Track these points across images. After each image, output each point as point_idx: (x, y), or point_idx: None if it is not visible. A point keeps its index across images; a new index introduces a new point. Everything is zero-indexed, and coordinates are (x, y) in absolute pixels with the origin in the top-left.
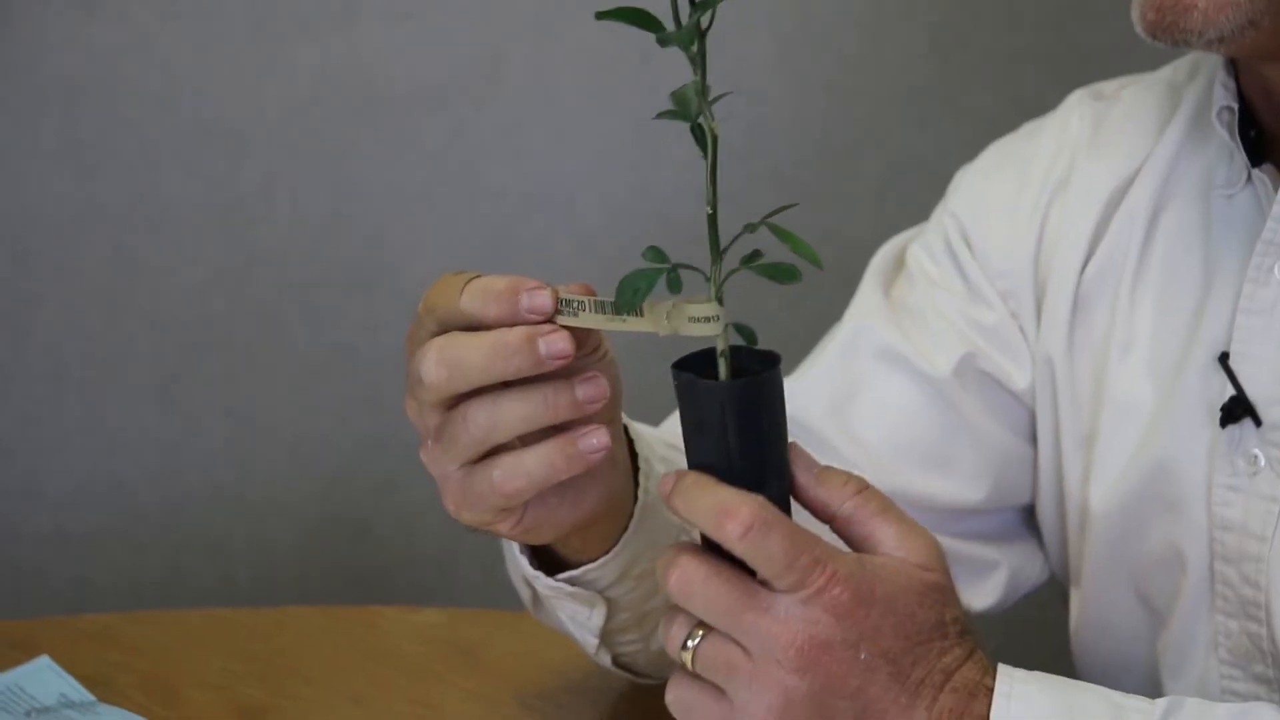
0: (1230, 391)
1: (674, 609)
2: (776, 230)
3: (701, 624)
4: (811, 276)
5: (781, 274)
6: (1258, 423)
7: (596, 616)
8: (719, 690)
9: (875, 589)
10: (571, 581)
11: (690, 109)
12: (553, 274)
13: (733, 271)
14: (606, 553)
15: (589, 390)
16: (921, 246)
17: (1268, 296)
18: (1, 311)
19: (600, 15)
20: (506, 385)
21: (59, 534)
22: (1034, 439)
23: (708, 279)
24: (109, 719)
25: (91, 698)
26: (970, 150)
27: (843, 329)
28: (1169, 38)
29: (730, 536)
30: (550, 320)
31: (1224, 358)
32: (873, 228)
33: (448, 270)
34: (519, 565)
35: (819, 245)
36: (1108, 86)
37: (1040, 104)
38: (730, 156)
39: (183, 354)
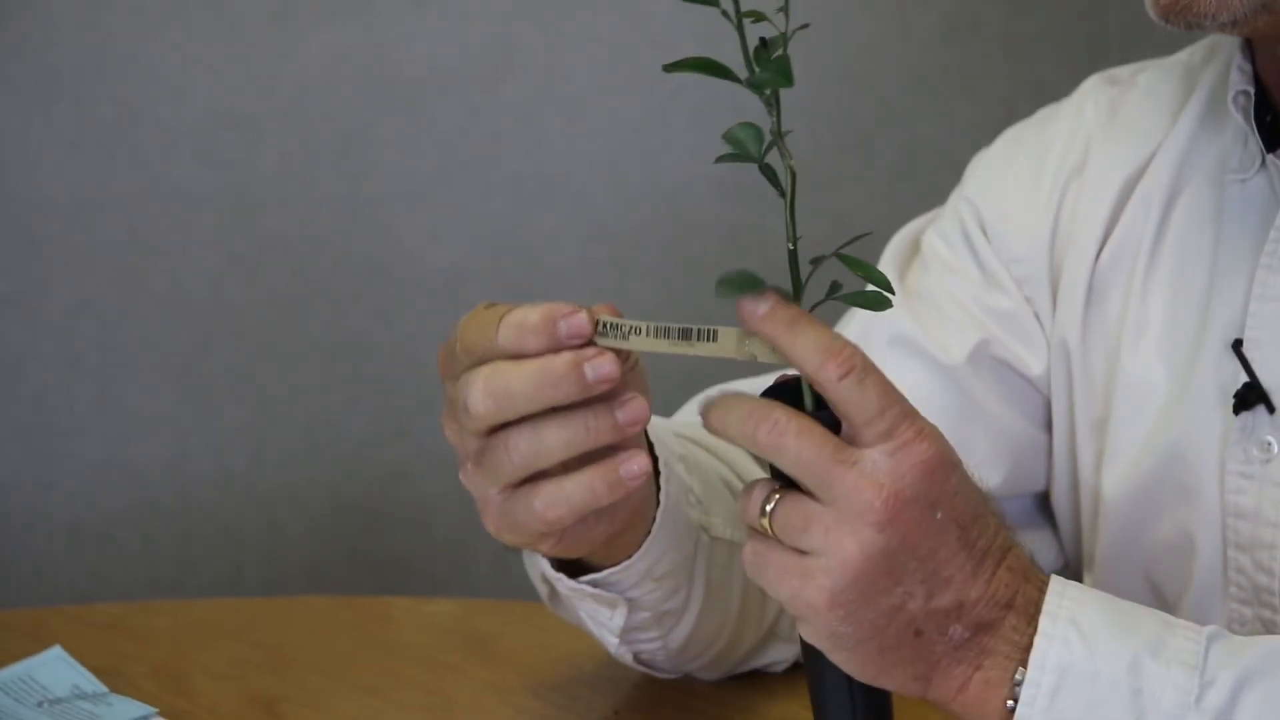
0: (1243, 378)
1: (752, 483)
2: (848, 260)
3: (779, 489)
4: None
5: (873, 302)
6: (1271, 409)
7: (618, 617)
8: (795, 549)
9: (953, 452)
10: (593, 584)
11: (749, 149)
12: (565, 260)
13: (818, 303)
14: (629, 557)
15: (630, 413)
16: (937, 232)
17: None
18: (15, 298)
19: (669, 68)
20: (547, 410)
21: (73, 525)
22: (1049, 426)
23: (786, 293)
24: (121, 709)
25: (104, 688)
26: (985, 137)
27: (856, 316)
28: (1181, 21)
29: (830, 376)
30: (591, 342)
31: (1237, 344)
32: (887, 214)
33: (462, 261)
34: (539, 565)
35: (833, 232)
36: (1123, 71)
37: (1055, 89)
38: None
39: (196, 341)
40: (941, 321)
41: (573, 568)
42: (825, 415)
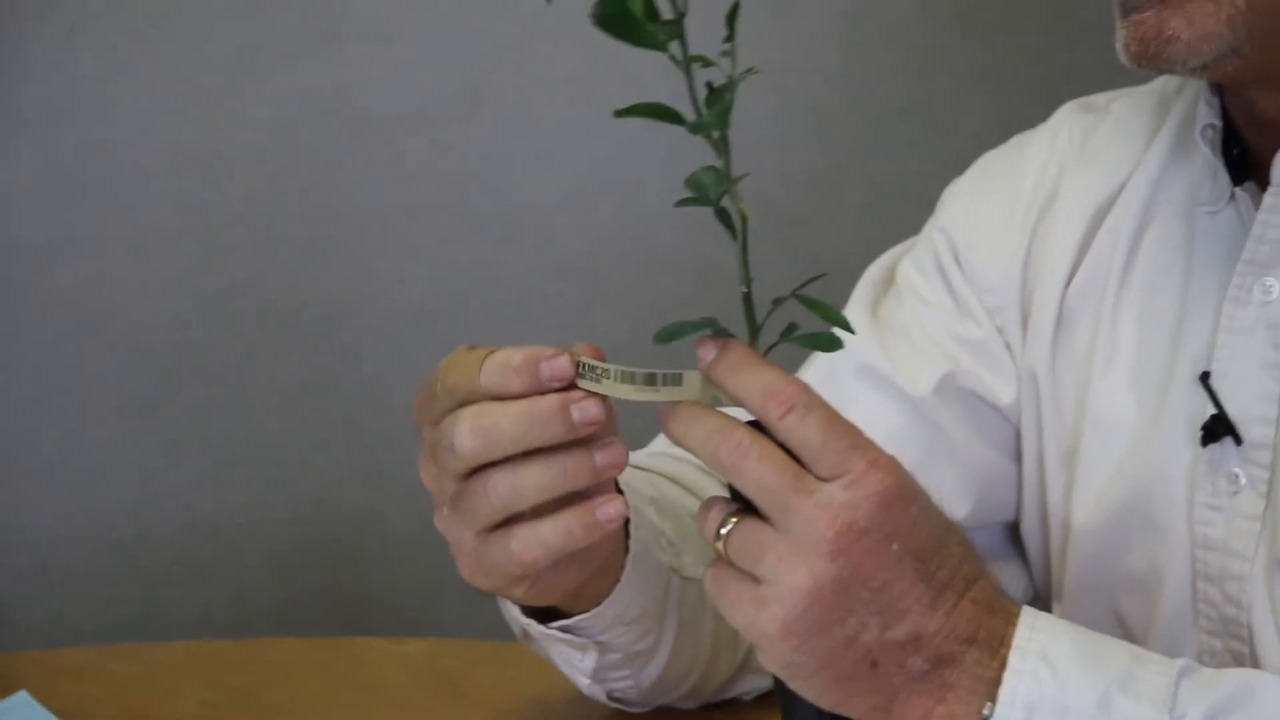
0: (1211, 410)
1: (709, 500)
2: (806, 301)
3: (736, 512)
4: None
5: (825, 344)
6: (1238, 441)
7: (588, 660)
8: (751, 574)
9: (912, 484)
10: (564, 629)
11: (708, 192)
12: (533, 298)
13: (773, 346)
14: (599, 603)
15: (608, 458)
16: (911, 262)
17: (1248, 316)
18: None
19: (619, 114)
20: (525, 453)
21: (39, 568)
22: (1018, 456)
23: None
24: None
25: None
26: (955, 169)
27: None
28: (1153, 66)
29: (771, 416)
30: (573, 385)
31: (1205, 376)
32: (858, 249)
33: (429, 300)
34: (510, 610)
35: (804, 267)
36: (1099, 99)
37: (1024, 123)
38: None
39: (161, 382)
40: (911, 353)
41: (544, 612)
42: None
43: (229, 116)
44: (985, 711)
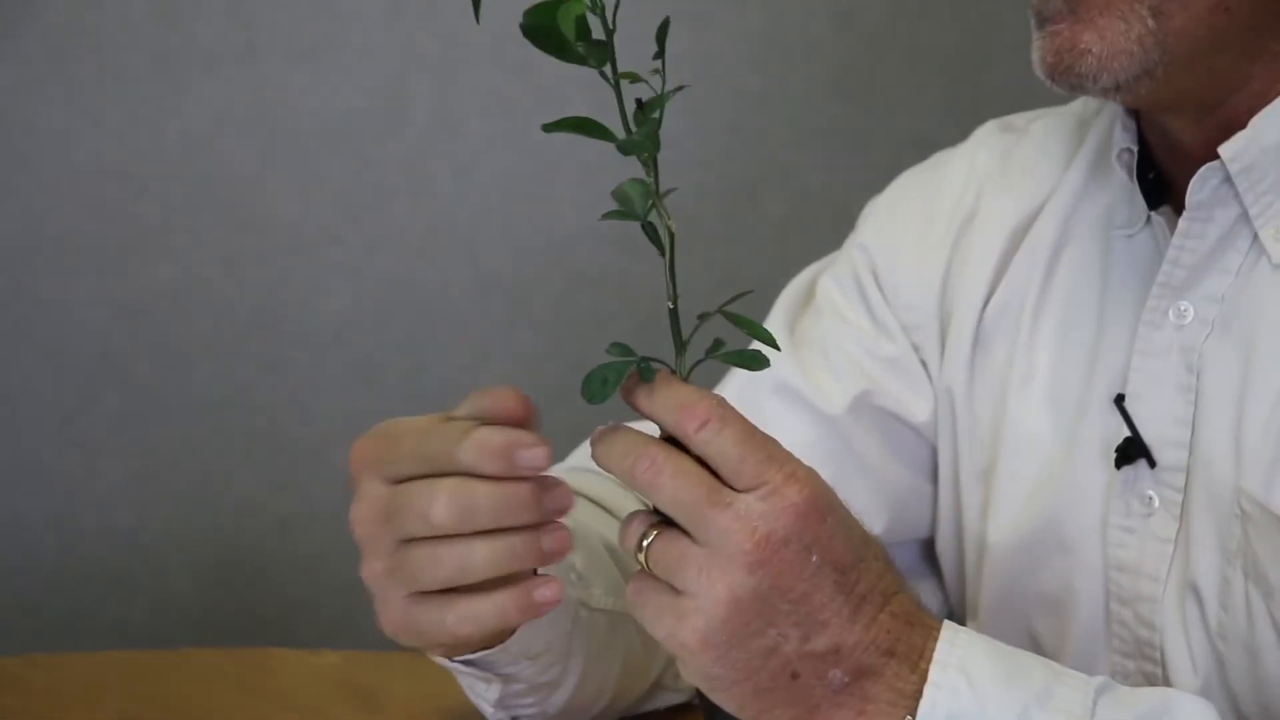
0: (1125, 432)
1: (631, 514)
2: (732, 318)
3: (656, 524)
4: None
5: (750, 361)
6: (1152, 464)
7: (492, 691)
8: (671, 586)
9: (830, 495)
10: (467, 663)
11: (635, 206)
12: (455, 312)
13: (699, 362)
14: (502, 640)
15: (555, 543)
16: (831, 278)
17: (1162, 340)
18: None
19: (547, 128)
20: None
21: None
22: (933, 475)
23: (673, 370)
24: None
25: None
26: (872, 189)
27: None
28: (1066, 82)
29: (687, 431)
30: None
31: (1120, 399)
32: (775, 267)
33: (350, 313)
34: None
35: (720, 285)
36: (1018, 119)
37: (942, 143)
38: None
39: (81, 391)
40: (826, 370)
41: None
42: None
43: (148, 128)
44: None
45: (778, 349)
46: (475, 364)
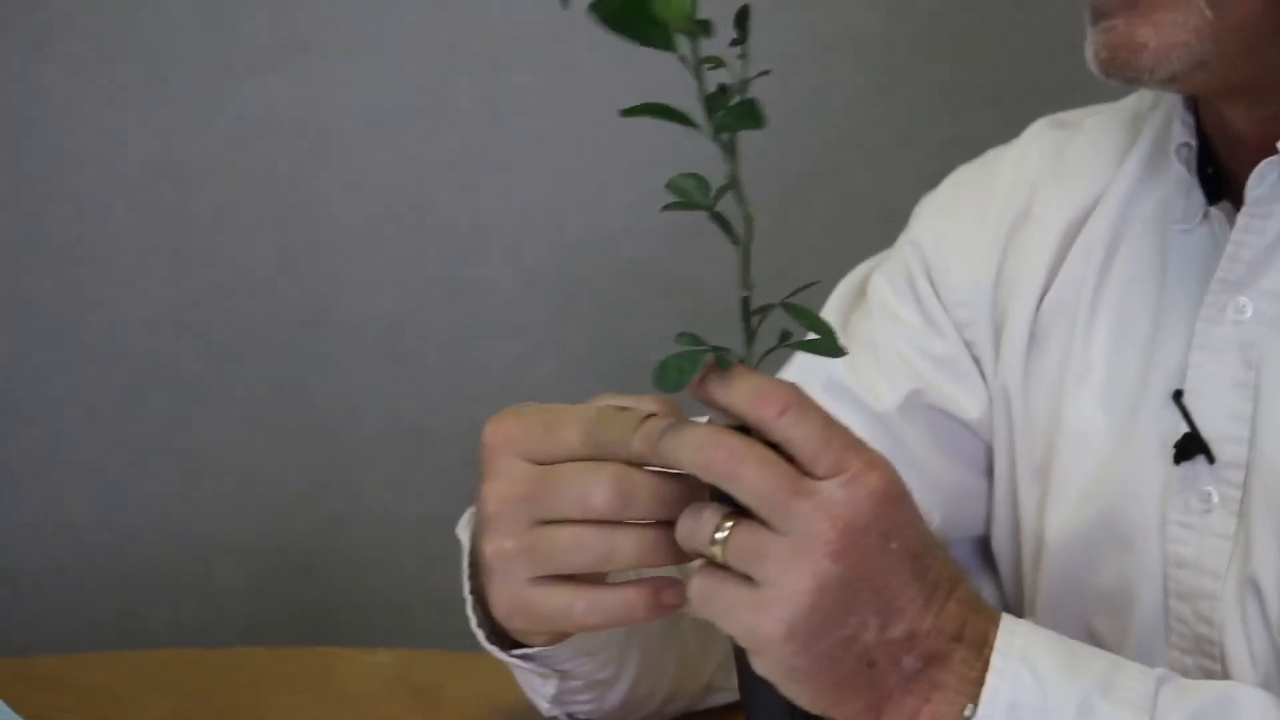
0: (1184, 428)
1: (696, 506)
2: (794, 310)
3: (730, 515)
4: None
5: (825, 348)
6: (1211, 460)
7: (549, 686)
8: (747, 578)
9: (903, 483)
10: (525, 658)
11: (694, 197)
12: (501, 311)
13: (769, 351)
14: (565, 636)
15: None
16: (883, 276)
17: (1221, 335)
18: None
19: (625, 113)
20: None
21: (8, 577)
22: (987, 471)
23: (741, 360)
24: None
25: None
26: (921, 187)
27: (792, 365)
28: (1121, 76)
29: (767, 418)
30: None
31: (1178, 394)
32: (824, 266)
33: (398, 311)
34: (477, 634)
35: (769, 285)
36: (1071, 115)
37: (993, 140)
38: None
39: (130, 391)
40: (877, 369)
41: (503, 635)
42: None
43: (196, 128)
44: (967, 713)
45: (835, 339)
46: (522, 362)
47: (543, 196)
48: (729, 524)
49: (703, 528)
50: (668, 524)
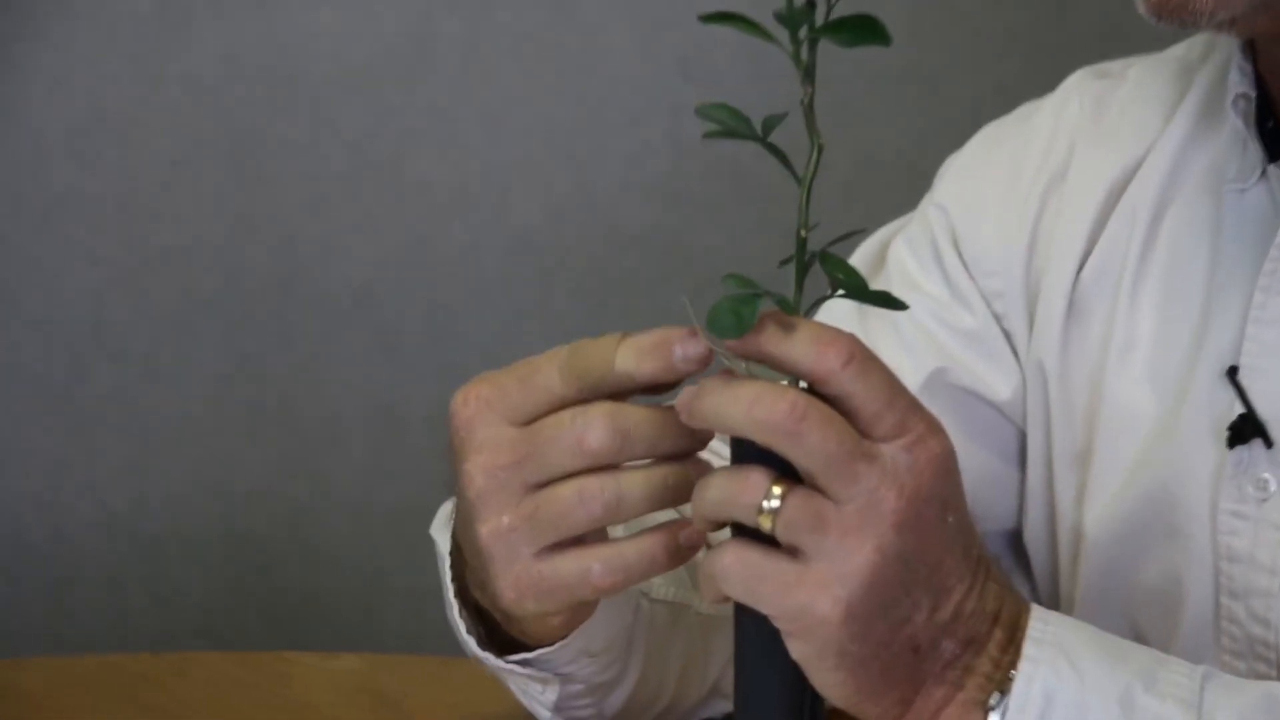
0: (1239, 409)
1: (737, 471)
2: (827, 260)
3: (779, 481)
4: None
5: (889, 300)
6: (1269, 444)
7: (550, 693)
8: (794, 552)
9: (954, 448)
10: (523, 663)
11: (732, 125)
12: (484, 276)
13: (821, 300)
14: (563, 635)
15: (699, 470)
16: (904, 242)
17: None
18: None
19: (705, 19)
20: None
21: None
22: (1018, 459)
23: (785, 302)
24: None
25: None
26: (948, 143)
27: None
28: (1175, 19)
29: (832, 369)
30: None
31: (1232, 371)
32: (840, 228)
33: (369, 276)
34: (466, 645)
35: (780, 247)
36: (1114, 65)
37: (1026, 92)
38: (685, 149)
39: (74, 363)
40: (898, 345)
41: (495, 638)
42: (750, 448)
43: (149, 75)
44: (993, 701)
45: (892, 295)
46: (506, 331)
47: (531, 151)
48: (779, 490)
49: (748, 493)
50: (668, 460)
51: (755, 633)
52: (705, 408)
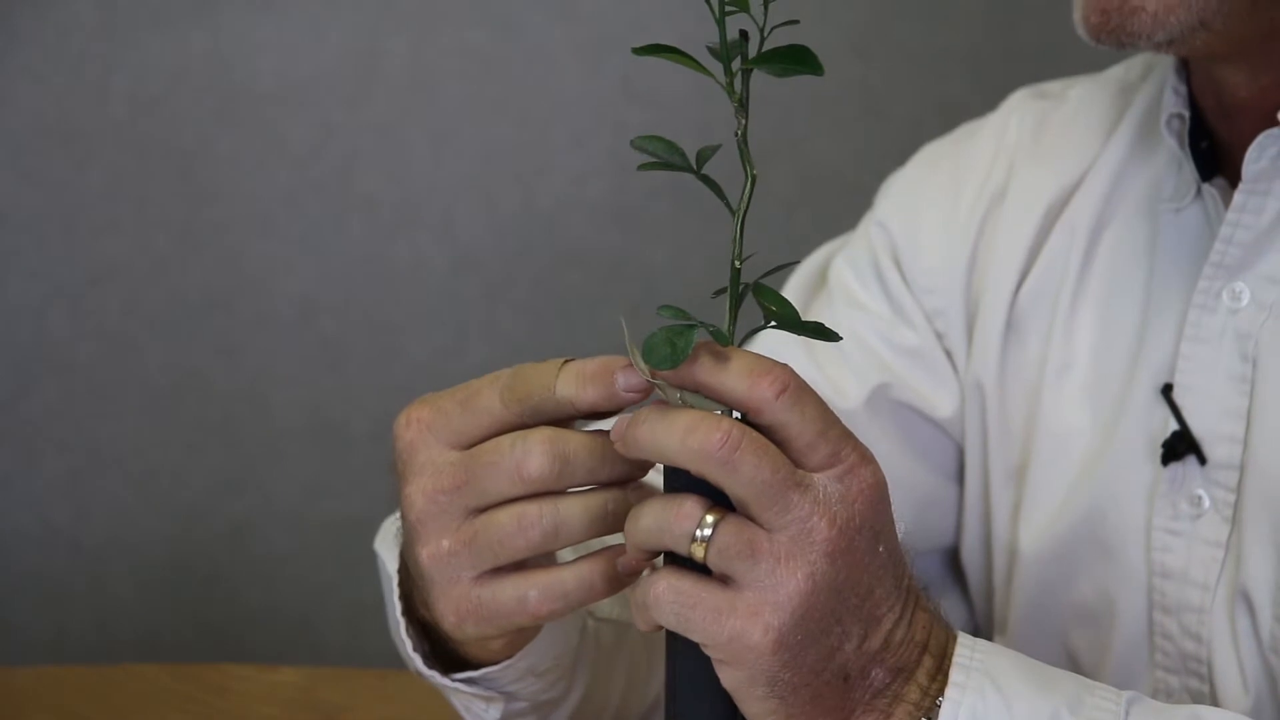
0: (1173, 426)
1: (670, 500)
2: (761, 291)
3: (712, 509)
4: (714, 305)
5: (823, 332)
6: (1202, 461)
7: (493, 711)
8: (726, 580)
9: (885, 480)
10: (468, 681)
11: (668, 159)
12: (430, 295)
13: (754, 331)
14: (508, 655)
15: (639, 498)
16: (846, 260)
17: (1214, 324)
18: None
19: (638, 51)
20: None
21: None
22: (957, 476)
23: (720, 334)
24: None
25: None
26: (890, 161)
27: (754, 350)
28: (1114, 41)
29: (766, 398)
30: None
31: (1167, 389)
32: (782, 244)
33: (314, 292)
34: (410, 662)
35: (723, 265)
36: (1053, 86)
37: (967, 109)
38: (628, 168)
39: (15, 377)
40: (841, 362)
41: (445, 658)
42: (683, 476)
43: (93, 88)
44: None
45: (825, 326)
46: (451, 348)
47: (475, 168)
48: (711, 518)
49: (681, 522)
50: (608, 486)
51: (687, 660)
52: (640, 436)
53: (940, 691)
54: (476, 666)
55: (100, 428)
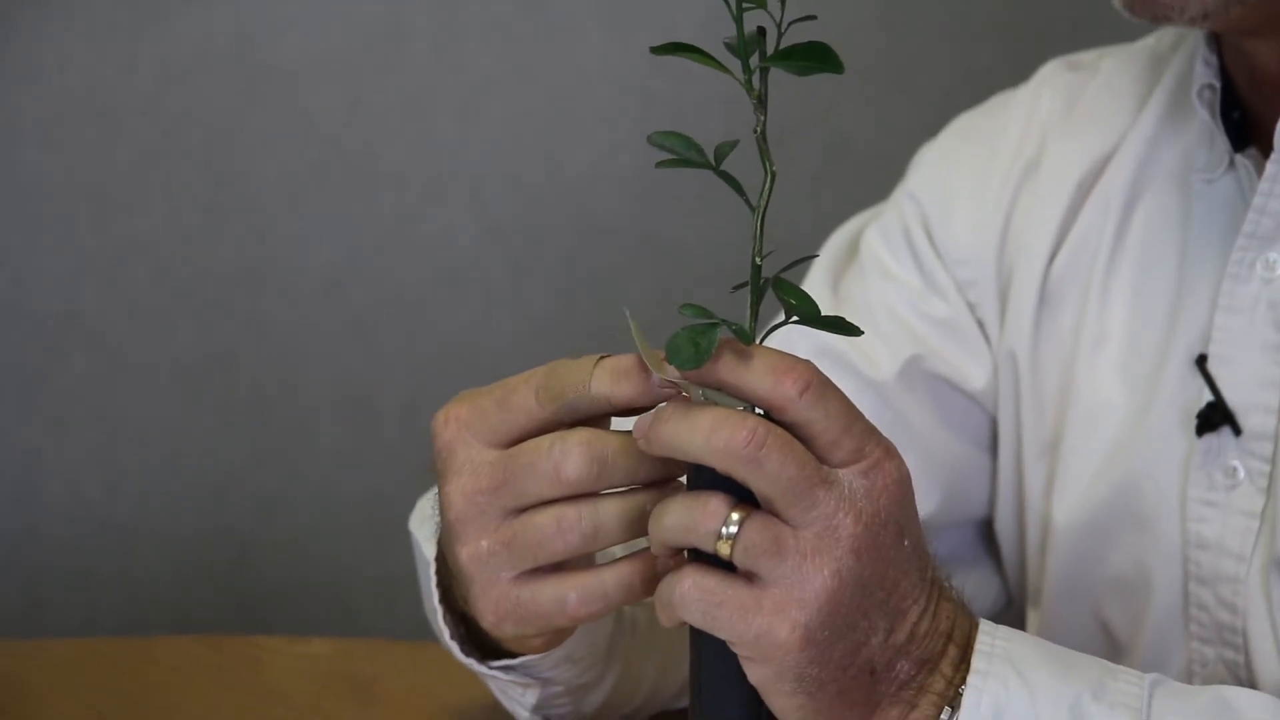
0: (1207, 397)
1: (695, 497)
2: (781, 285)
3: (737, 507)
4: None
5: (838, 327)
6: (1237, 431)
7: (530, 695)
8: (752, 577)
9: (911, 478)
10: (505, 669)
11: (685, 155)
12: (456, 267)
13: (775, 326)
14: (546, 650)
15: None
16: (877, 231)
17: (1249, 294)
18: None
19: (656, 50)
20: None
21: None
22: (991, 447)
23: (743, 331)
24: None
25: None
26: (919, 133)
27: (778, 331)
28: (1149, 13)
29: (789, 396)
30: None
31: (1201, 360)
32: (809, 222)
33: (341, 267)
34: (449, 649)
35: (746, 243)
36: (1086, 56)
37: (997, 81)
38: (647, 142)
39: (44, 354)
40: (873, 333)
41: (475, 640)
42: (707, 474)
43: (121, 64)
44: (944, 717)
45: (847, 321)
46: (479, 323)
47: (502, 142)
48: (736, 516)
49: (707, 520)
50: (648, 488)
51: (712, 657)
52: (664, 435)
53: (964, 680)
54: (513, 654)
55: (129, 404)
